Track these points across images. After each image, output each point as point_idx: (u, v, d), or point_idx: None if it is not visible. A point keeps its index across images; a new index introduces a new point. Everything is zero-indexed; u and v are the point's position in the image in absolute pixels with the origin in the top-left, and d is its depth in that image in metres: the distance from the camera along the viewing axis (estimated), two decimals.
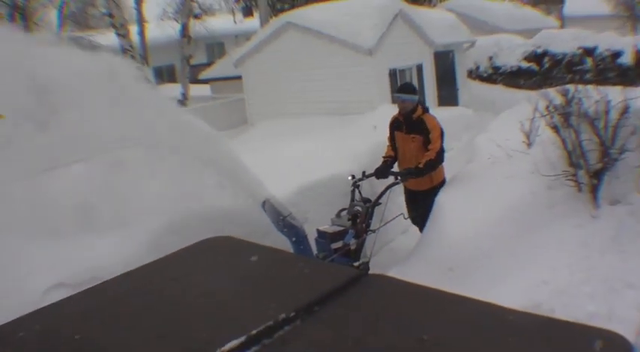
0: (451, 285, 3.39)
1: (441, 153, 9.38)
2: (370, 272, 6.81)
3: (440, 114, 14.98)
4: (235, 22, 54.77)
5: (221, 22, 50.68)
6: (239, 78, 24.05)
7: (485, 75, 25.73)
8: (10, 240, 7.98)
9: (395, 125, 10.04)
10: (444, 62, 21.57)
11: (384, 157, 10.11)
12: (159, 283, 3.76)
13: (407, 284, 3.35)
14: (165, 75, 47.91)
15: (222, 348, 2.69)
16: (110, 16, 29.79)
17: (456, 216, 8.56)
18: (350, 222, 8.91)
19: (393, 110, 15.18)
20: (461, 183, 9.70)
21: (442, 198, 9.18)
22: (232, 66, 24.39)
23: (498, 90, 23.92)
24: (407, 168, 9.47)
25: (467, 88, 22.73)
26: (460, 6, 29.17)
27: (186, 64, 33.14)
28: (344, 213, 9.17)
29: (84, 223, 8.44)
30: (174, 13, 44.67)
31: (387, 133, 10.27)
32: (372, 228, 9.04)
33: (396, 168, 9.98)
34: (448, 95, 21.64)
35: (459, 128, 14.73)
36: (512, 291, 6.21)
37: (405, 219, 9.78)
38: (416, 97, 9.76)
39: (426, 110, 9.79)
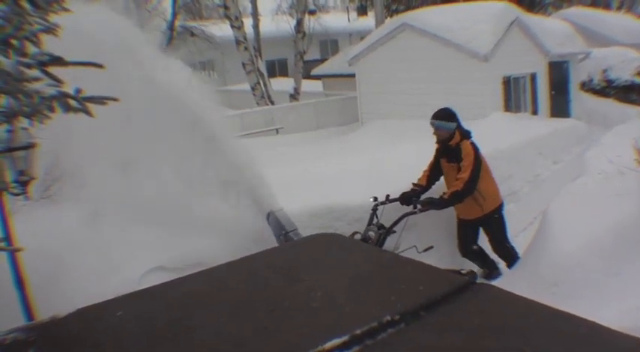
0: (554, 301, 3.30)
1: (470, 184, 8.90)
2: None
3: (551, 125, 15.00)
4: (349, 20, 54.78)
5: (335, 20, 50.77)
6: (351, 76, 23.95)
7: (597, 88, 25.10)
8: (111, 224, 8.34)
9: (441, 152, 9.57)
10: (558, 73, 21.15)
11: (414, 184, 9.65)
12: (264, 274, 3.82)
13: (513, 296, 3.25)
14: (277, 68, 48.34)
15: (324, 346, 2.68)
16: (225, 7, 30.13)
17: (563, 230, 8.32)
18: None
19: (506, 119, 15.20)
20: (570, 197, 9.40)
21: (550, 212, 8.86)
22: (345, 63, 24.31)
23: (610, 105, 23.28)
24: (430, 198, 9.12)
25: (579, 100, 22.30)
26: (575, 16, 28.58)
27: (299, 59, 33.38)
28: (357, 236, 8.64)
29: (185, 213, 8.74)
30: (288, 8, 45.02)
31: (431, 159, 9.76)
32: None
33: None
34: (560, 106, 21.17)
35: (570, 141, 14.56)
36: (616, 312, 6.04)
37: (419, 252, 8.35)
38: (452, 125, 9.28)
39: (465, 136, 9.31)
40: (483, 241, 9.76)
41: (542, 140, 13.56)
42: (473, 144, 9.18)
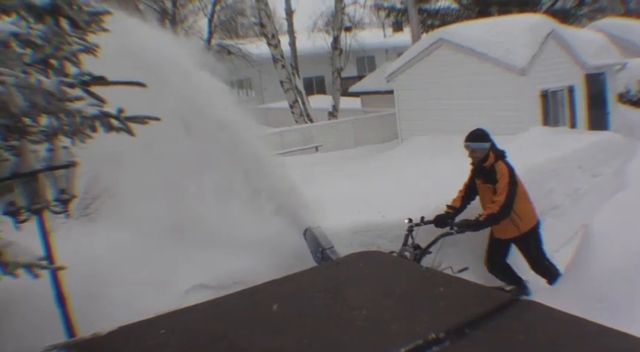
0: (599, 317, 3.25)
1: (506, 208, 8.74)
2: None
3: (589, 138, 14.87)
4: (385, 36, 54.83)
5: (371, 36, 50.82)
6: (389, 92, 23.95)
7: (635, 99, 24.80)
8: (153, 242, 8.40)
9: (476, 173, 9.41)
10: (595, 85, 20.91)
11: (448, 206, 9.49)
12: (308, 292, 3.82)
13: (558, 312, 3.22)
14: (315, 86, 48.47)
15: None
16: (261, 25, 30.36)
17: (606, 245, 8.24)
18: None
19: (544, 133, 15.08)
20: (612, 211, 9.29)
21: (593, 226, 8.75)
22: (382, 80, 24.33)
23: None
24: (466, 219, 8.96)
25: (617, 112, 22.07)
26: (609, 26, 28.22)
27: (337, 76, 33.44)
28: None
29: (225, 231, 8.77)
30: (324, 25, 45.18)
31: (466, 179, 9.59)
32: None
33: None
34: (598, 119, 20.87)
35: (609, 154, 14.39)
36: None
37: (454, 273, 8.01)
38: (486, 145, 9.10)
39: (500, 157, 9.13)
40: (514, 259, 9.64)
41: (581, 153, 13.43)
42: (508, 165, 9.06)
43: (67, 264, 5.85)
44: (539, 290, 9.00)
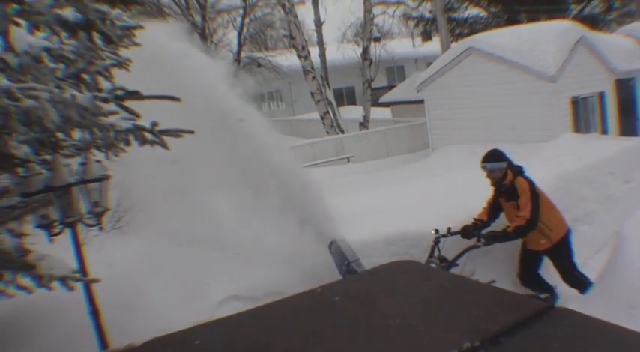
0: (632, 323, 3.18)
1: (532, 222, 8.76)
2: None
3: (620, 144, 14.75)
4: (414, 45, 54.86)
5: (400, 46, 50.89)
6: (420, 102, 23.83)
7: None
8: (186, 254, 8.46)
9: (498, 192, 9.41)
10: (625, 90, 20.66)
11: (475, 219, 9.50)
12: (342, 302, 3.78)
13: (593, 320, 3.16)
14: (345, 97, 48.56)
15: None
16: (291, 37, 30.46)
17: (639, 250, 8.20)
18: None
19: (575, 140, 14.97)
20: None
21: (625, 232, 8.72)
22: (413, 89, 24.27)
23: None
24: (493, 231, 9.02)
25: None
26: (638, 31, 28.03)
27: (367, 86, 33.48)
28: None
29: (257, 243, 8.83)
30: (354, 36, 45.26)
31: (490, 198, 9.57)
32: None
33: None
34: (629, 125, 20.67)
35: (639, 159, 14.34)
36: None
37: None
38: (503, 164, 9.14)
39: (518, 173, 9.17)
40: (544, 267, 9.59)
41: (613, 159, 13.33)
42: (527, 179, 9.08)
43: (100, 276, 5.92)
44: (572, 297, 8.95)
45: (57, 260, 5.28)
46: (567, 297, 9.06)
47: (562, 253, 9.24)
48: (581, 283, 9.18)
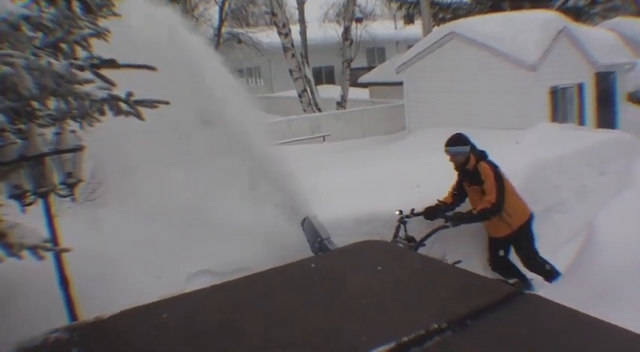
0: (599, 312, 3.25)
1: (498, 205, 8.88)
2: None
3: (597, 136, 14.82)
4: (396, 28, 54.76)
5: (382, 28, 50.84)
6: (398, 84, 23.76)
7: None
8: (157, 227, 8.42)
9: (461, 176, 9.56)
10: (605, 83, 20.71)
11: (439, 200, 9.60)
12: (312, 280, 3.83)
13: (560, 307, 3.24)
14: (324, 76, 48.44)
15: None
16: (272, 14, 30.43)
17: (611, 243, 8.28)
18: None
19: (552, 129, 15.02)
20: (618, 209, 9.33)
21: (598, 223, 8.81)
22: (392, 71, 24.09)
23: None
24: (459, 212, 9.16)
25: (626, 111, 21.97)
26: (622, 26, 27.80)
27: (346, 66, 33.42)
28: None
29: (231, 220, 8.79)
30: (335, 15, 45.16)
31: (454, 183, 9.73)
32: None
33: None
34: (607, 118, 20.74)
35: (616, 152, 14.34)
36: None
37: None
38: (466, 148, 9.28)
39: (481, 158, 9.28)
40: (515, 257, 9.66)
41: (589, 151, 13.40)
42: (490, 164, 9.18)
43: (72, 247, 5.86)
44: (542, 285, 9.02)
45: (28, 228, 5.22)
46: (537, 285, 9.19)
47: (523, 240, 9.36)
48: (544, 270, 9.27)
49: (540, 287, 8.97)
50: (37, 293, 6.77)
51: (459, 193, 9.64)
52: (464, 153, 9.24)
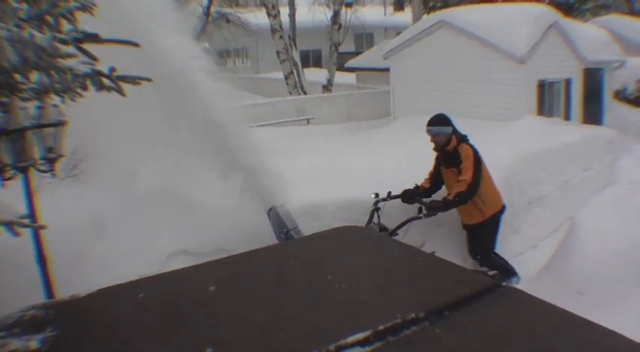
0: (579, 309, 3.25)
1: (473, 186, 8.77)
2: None
3: (583, 132, 14.85)
4: (385, 14, 54.75)
5: (372, 13, 50.75)
6: (386, 70, 23.68)
7: (631, 97, 24.51)
8: (137, 206, 8.38)
9: (440, 159, 9.46)
10: (593, 80, 20.77)
11: (416, 185, 9.54)
12: (289, 264, 3.82)
13: (538, 301, 3.23)
14: (311, 59, 48.42)
15: (346, 340, 2.67)
16: None
17: (591, 238, 8.29)
18: None
19: (538, 123, 15.03)
20: (600, 205, 9.34)
21: (579, 219, 8.80)
22: (379, 57, 24.10)
23: None
24: (434, 200, 9.04)
25: (612, 108, 22.03)
26: (613, 23, 27.90)
27: (334, 50, 33.36)
28: None
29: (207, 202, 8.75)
30: None
31: (431, 169, 9.64)
32: None
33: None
34: (593, 114, 20.80)
35: (601, 149, 14.41)
36: (637, 324, 5.96)
37: None
38: (448, 129, 9.19)
39: (462, 140, 9.21)
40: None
41: (574, 146, 13.43)
42: (472, 146, 9.13)
43: (51, 224, 5.79)
44: (523, 278, 9.03)
45: (4, 204, 5.14)
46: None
47: (488, 229, 9.32)
48: (494, 264, 9.26)
49: (521, 280, 8.97)
50: (14, 269, 6.71)
51: (436, 179, 9.56)
52: (445, 133, 9.16)
